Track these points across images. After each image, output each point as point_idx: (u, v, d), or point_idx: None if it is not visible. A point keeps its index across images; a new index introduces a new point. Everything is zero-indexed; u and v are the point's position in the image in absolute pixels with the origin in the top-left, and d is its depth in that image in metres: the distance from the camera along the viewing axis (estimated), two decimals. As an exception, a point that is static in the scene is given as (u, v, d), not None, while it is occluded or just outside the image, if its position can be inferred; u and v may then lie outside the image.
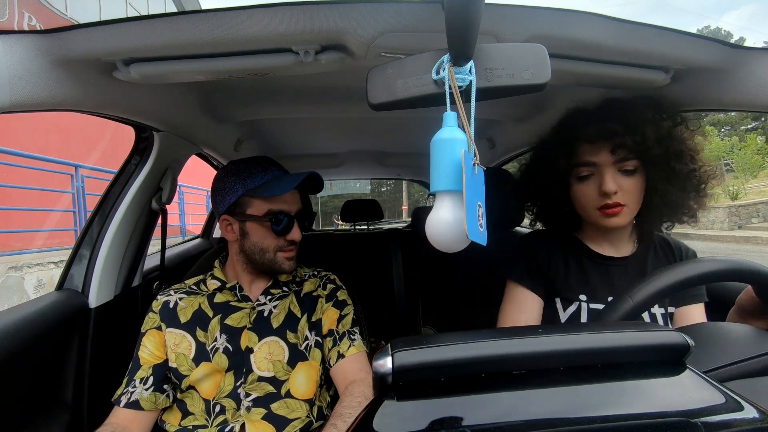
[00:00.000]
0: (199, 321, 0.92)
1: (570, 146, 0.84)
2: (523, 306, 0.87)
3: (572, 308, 0.85)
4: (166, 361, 0.90)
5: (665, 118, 0.80)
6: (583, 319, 0.84)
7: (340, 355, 0.94)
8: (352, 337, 0.97)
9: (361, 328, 1.05)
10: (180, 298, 0.95)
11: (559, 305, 0.87)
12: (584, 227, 0.93)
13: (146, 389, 0.87)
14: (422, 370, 0.42)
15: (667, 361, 0.44)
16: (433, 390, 0.42)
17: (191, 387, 0.88)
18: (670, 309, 0.88)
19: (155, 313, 0.93)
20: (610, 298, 0.85)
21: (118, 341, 0.96)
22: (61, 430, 0.88)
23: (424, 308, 1.14)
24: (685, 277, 0.63)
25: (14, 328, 0.80)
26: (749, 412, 0.37)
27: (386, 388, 0.41)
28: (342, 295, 1.04)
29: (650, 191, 0.81)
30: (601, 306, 0.85)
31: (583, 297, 0.85)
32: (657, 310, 0.86)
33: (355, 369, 0.93)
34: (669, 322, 0.86)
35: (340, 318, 0.99)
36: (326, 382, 1.00)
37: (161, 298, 0.95)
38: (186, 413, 0.88)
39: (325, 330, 0.98)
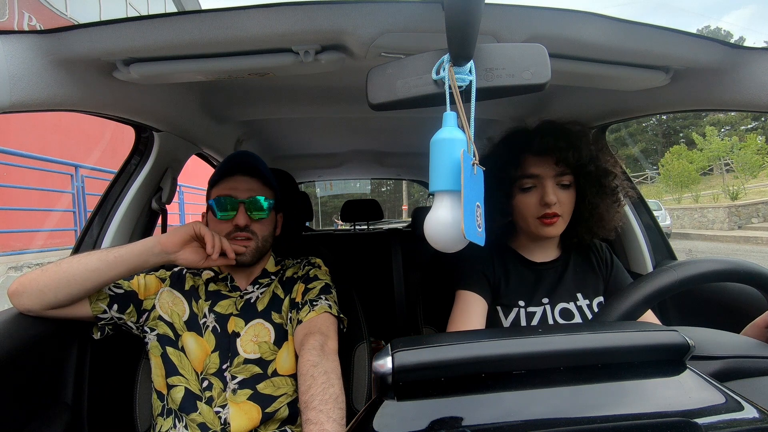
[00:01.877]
0: (195, 295, 0.96)
1: (517, 158, 0.90)
2: (472, 311, 0.89)
3: (512, 314, 0.90)
4: (140, 301, 0.92)
5: (593, 142, 0.89)
6: (523, 323, 0.89)
7: (299, 322, 0.92)
8: (314, 304, 0.93)
9: (361, 321, 1.05)
10: (189, 272, 1.00)
11: (500, 313, 0.91)
12: (518, 237, 0.99)
13: (110, 289, 0.88)
14: (422, 370, 0.42)
15: (667, 361, 0.44)
16: (433, 390, 0.42)
17: (183, 350, 0.90)
18: (598, 299, 0.92)
19: (167, 271, 0.99)
20: (544, 299, 0.90)
21: (119, 341, 0.96)
22: (61, 430, 0.87)
23: (425, 308, 1.14)
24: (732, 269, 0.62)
25: (14, 327, 0.80)
26: (749, 412, 0.37)
27: (386, 388, 0.41)
28: (315, 272, 1.03)
29: (580, 204, 0.89)
30: (536, 309, 0.89)
31: (521, 303, 0.90)
32: (582, 301, 0.91)
33: (306, 329, 0.88)
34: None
35: (306, 291, 0.98)
36: None
37: (175, 269, 1.01)
38: (174, 372, 0.89)
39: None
